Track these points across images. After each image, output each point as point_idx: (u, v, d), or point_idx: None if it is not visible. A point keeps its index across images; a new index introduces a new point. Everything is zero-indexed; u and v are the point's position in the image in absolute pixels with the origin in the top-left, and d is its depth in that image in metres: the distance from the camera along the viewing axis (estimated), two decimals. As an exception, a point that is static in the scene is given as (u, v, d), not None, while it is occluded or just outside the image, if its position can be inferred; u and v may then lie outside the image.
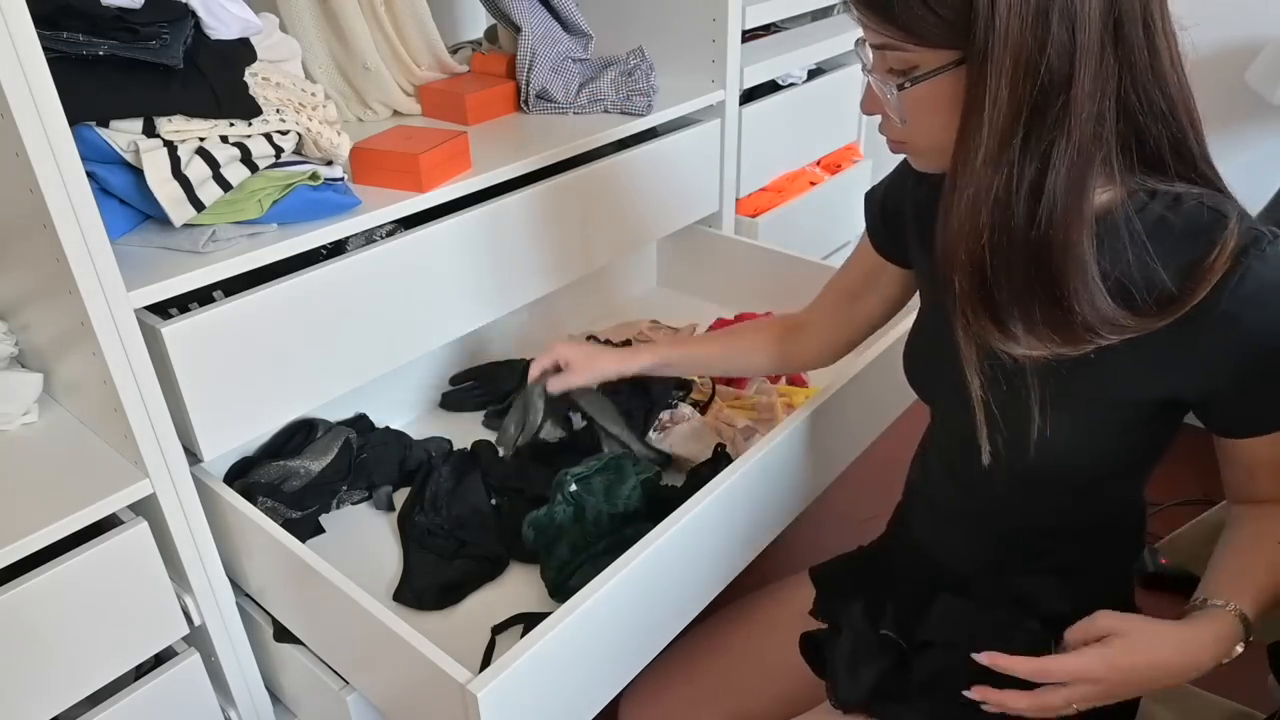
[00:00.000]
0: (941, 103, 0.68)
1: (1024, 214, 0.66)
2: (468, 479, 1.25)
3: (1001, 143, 0.65)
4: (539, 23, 1.38)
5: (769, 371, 1.21)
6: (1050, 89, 0.63)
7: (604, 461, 1.18)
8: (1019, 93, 0.63)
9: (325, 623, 0.97)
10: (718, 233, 1.67)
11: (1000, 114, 0.64)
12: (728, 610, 1.14)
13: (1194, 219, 0.69)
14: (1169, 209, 0.70)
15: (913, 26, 0.65)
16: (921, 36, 0.65)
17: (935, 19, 0.64)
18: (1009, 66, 0.63)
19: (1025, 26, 0.62)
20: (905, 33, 0.66)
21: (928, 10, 0.64)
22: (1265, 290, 0.67)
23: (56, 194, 0.77)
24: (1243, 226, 0.68)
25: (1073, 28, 0.62)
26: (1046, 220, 0.66)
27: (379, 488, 1.26)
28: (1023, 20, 0.61)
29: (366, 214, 1.04)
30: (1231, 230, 0.68)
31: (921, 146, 0.75)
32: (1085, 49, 0.62)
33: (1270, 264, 0.67)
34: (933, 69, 0.67)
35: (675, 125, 1.49)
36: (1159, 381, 0.74)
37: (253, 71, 1.00)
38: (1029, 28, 0.62)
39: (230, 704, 1.10)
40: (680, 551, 0.96)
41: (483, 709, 0.77)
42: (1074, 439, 0.78)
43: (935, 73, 0.67)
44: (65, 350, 0.92)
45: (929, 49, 0.66)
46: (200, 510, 0.98)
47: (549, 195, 1.26)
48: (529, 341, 1.60)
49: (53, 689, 0.91)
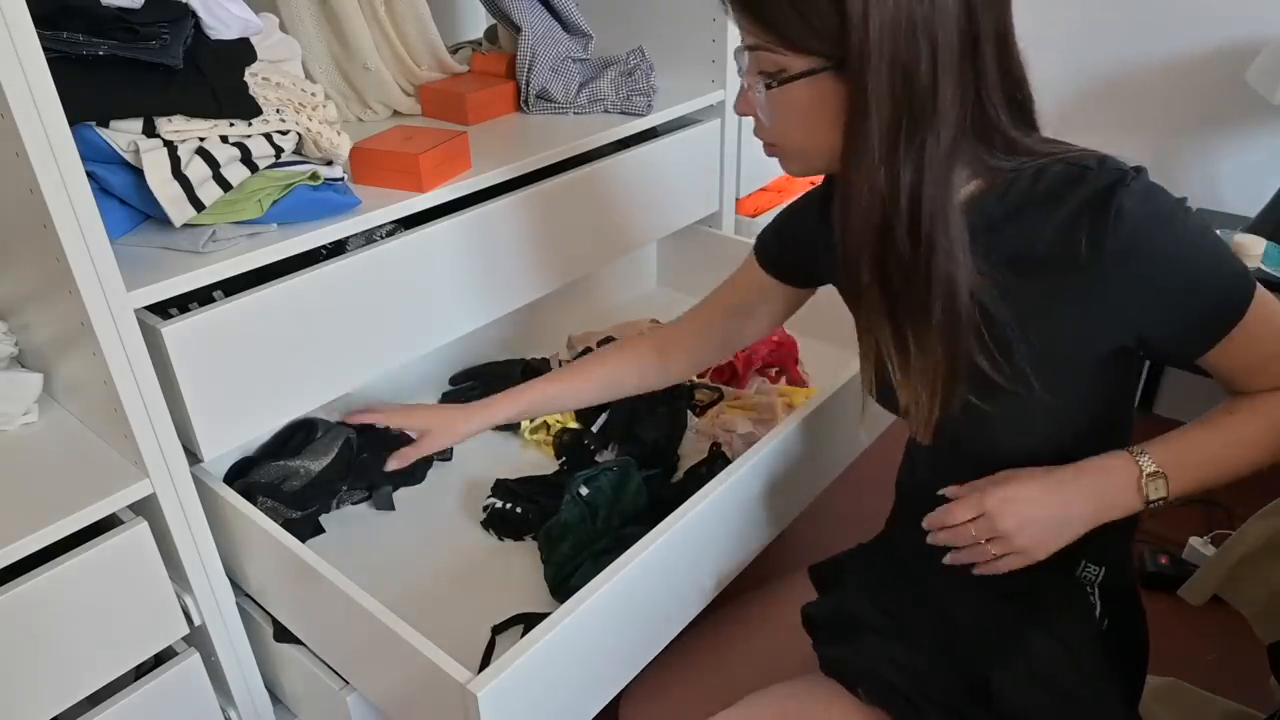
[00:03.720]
0: (807, 107, 0.73)
1: (908, 216, 0.72)
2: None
3: (888, 148, 0.71)
4: (539, 23, 1.38)
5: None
6: (923, 97, 0.69)
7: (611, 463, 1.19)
8: (898, 103, 0.69)
9: (325, 623, 0.97)
10: (718, 233, 1.67)
11: (883, 120, 0.70)
12: (727, 610, 1.14)
13: (1058, 179, 0.74)
14: (1035, 180, 0.75)
15: (783, 30, 0.70)
16: (791, 41, 0.71)
17: (805, 25, 0.69)
18: (886, 76, 0.68)
19: (898, 43, 0.67)
20: (776, 35, 0.71)
21: (799, 16, 0.69)
22: (1140, 218, 0.70)
23: (56, 194, 0.77)
24: (1104, 169, 0.72)
25: (935, 47, 0.68)
26: (929, 219, 0.72)
27: (379, 488, 1.26)
28: (895, 38, 0.67)
29: (366, 214, 1.04)
30: (1094, 177, 0.72)
31: (791, 150, 0.80)
32: (947, 66, 0.69)
33: (1136, 194, 0.70)
34: (799, 72, 0.72)
35: (675, 125, 1.49)
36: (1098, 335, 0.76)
37: (253, 71, 1.00)
38: (900, 45, 0.67)
39: (230, 704, 1.10)
40: (680, 552, 0.96)
41: (483, 709, 0.77)
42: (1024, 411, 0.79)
43: (801, 76, 0.72)
44: (65, 350, 0.92)
45: (797, 54, 0.71)
46: (200, 510, 0.98)
47: (549, 195, 1.26)
48: (528, 341, 1.61)
49: (53, 689, 0.92)
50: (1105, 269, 0.71)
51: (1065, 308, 0.75)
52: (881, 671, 0.89)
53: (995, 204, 0.76)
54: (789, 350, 1.54)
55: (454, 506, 1.28)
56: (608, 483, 1.17)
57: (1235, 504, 1.78)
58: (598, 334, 1.60)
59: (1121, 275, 0.72)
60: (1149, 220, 0.70)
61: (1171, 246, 0.71)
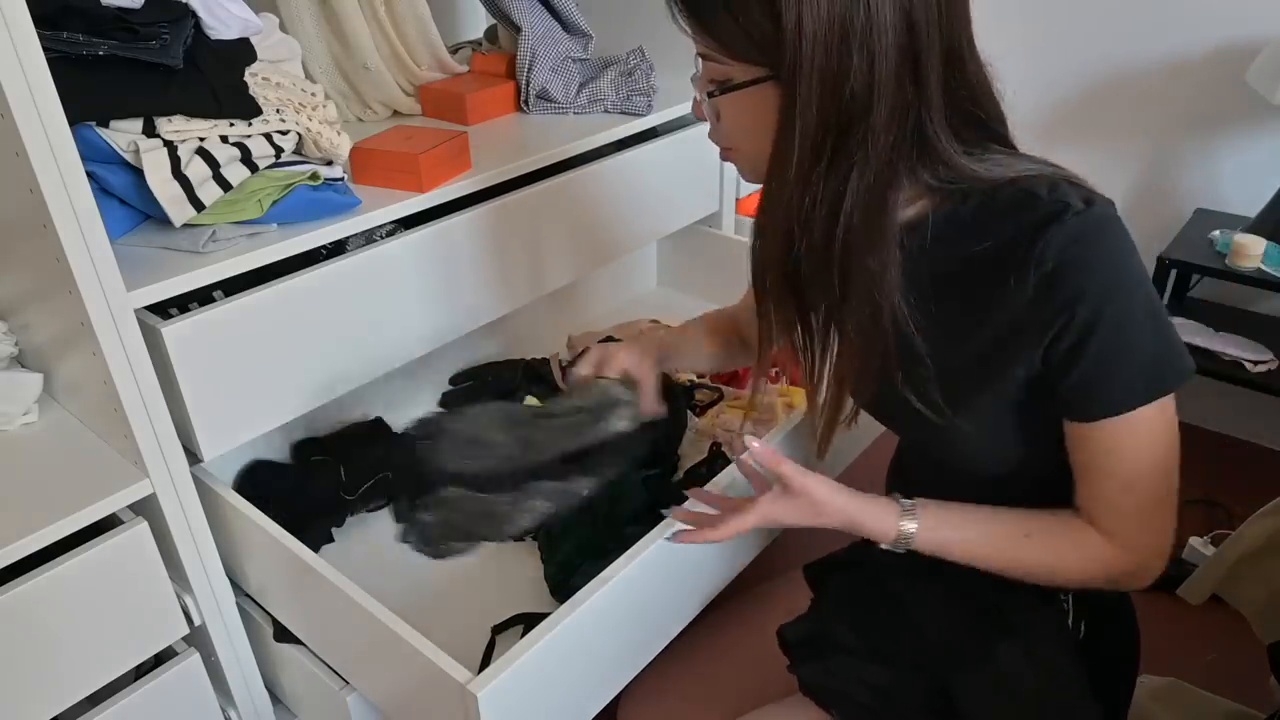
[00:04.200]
0: (752, 115, 0.73)
1: (822, 230, 0.72)
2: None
3: (810, 160, 0.70)
4: (539, 23, 1.38)
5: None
6: (852, 116, 0.68)
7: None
8: (825, 115, 0.68)
9: (325, 623, 0.97)
10: (718, 233, 1.67)
11: (808, 133, 0.69)
12: (727, 610, 1.14)
13: (1005, 204, 0.72)
14: (983, 203, 0.74)
15: (725, 40, 0.70)
16: (733, 50, 0.71)
17: (744, 36, 0.69)
18: (816, 90, 0.67)
19: (829, 54, 0.66)
20: (719, 44, 0.71)
21: (738, 27, 0.69)
22: (1067, 258, 0.69)
23: (56, 194, 0.77)
24: (1052, 198, 0.70)
25: (871, 61, 0.66)
26: (843, 237, 0.71)
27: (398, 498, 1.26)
28: (826, 48, 0.66)
29: (366, 214, 1.04)
30: (1040, 205, 0.70)
31: (744, 156, 0.79)
32: (882, 82, 0.67)
33: (1070, 232, 0.68)
34: (742, 81, 0.71)
35: (675, 125, 1.49)
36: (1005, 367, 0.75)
37: (253, 71, 1.00)
38: (832, 56, 0.66)
39: (230, 704, 1.10)
40: (679, 552, 0.96)
41: (483, 709, 0.77)
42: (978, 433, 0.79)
43: (743, 85, 0.71)
44: (65, 350, 0.92)
45: (740, 63, 0.71)
46: (200, 510, 0.98)
47: (549, 195, 1.26)
48: (528, 341, 1.61)
49: (53, 689, 0.92)
50: (1026, 300, 0.70)
51: (991, 333, 0.74)
52: (854, 693, 0.88)
53: (937, 226, 0.75)
54: (789, 350, 1.54)
55: (454, 506, 1.28)
56: (608, 483, 1.16)
57: (1235, 504, 1.78)
58: (598, 334, 1.60)
59: (1040, 306, 0.70)
60: (1075, 259, 0.68)
61: (1088, 293, 0.68)
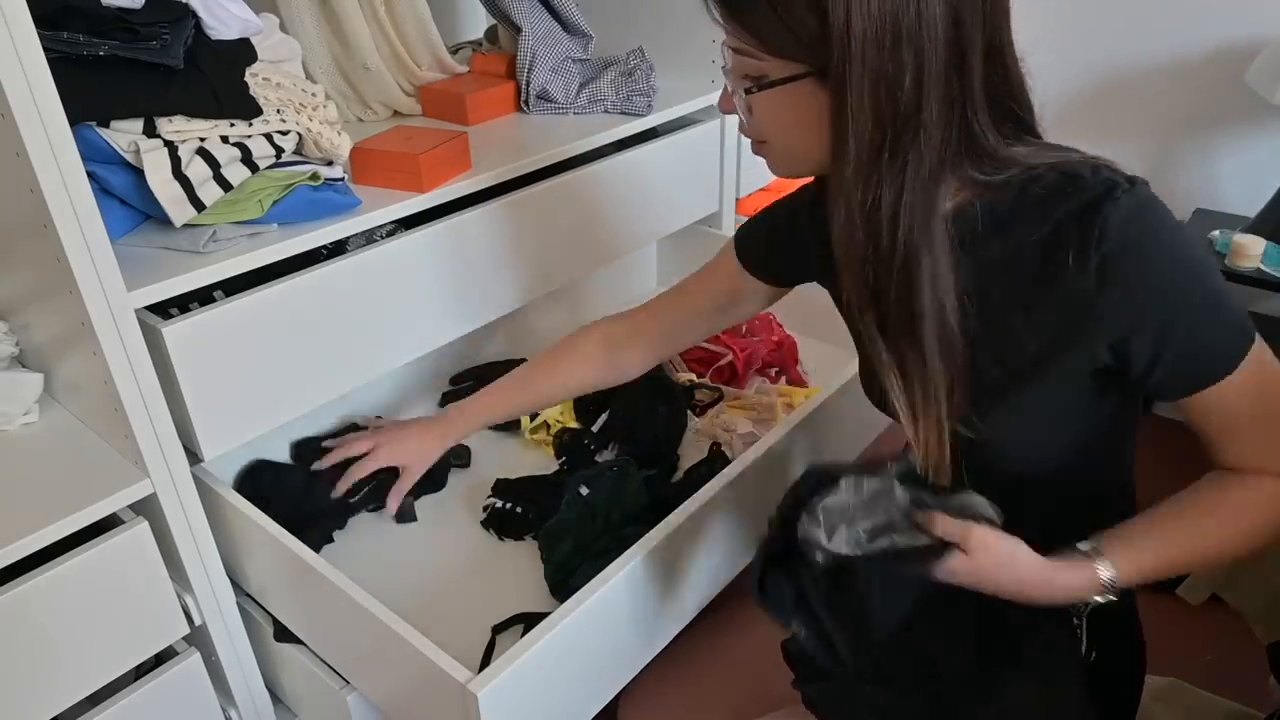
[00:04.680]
0: (791, 112, 0.72)
1: (888, 229, 0.70)
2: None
3: (869, 158, 0.68)
4: (539, 23, 1.38)
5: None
6: (906, 112, 0.67)
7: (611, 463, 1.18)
8: (879, 114, 0.67)
9: (325, 622, 0.97)
10: (718, 233, 1.67)
11: (865, 131, 0.67)
12: (728, 611, 1.14)
13: (1048, 189, 0.71)
14: (1024, 190, 0.72)
15: (765, 36, 0.68)
16: (773, 47, 0.69)
17: (788, 33, 0.67)
18: (869, 88, 0.66)
19: (880, 52, 0.65)
20: (758, 40, 0.69)
21: (781, 24, 0.67)
22: (1127, 235, 0.68)
23: (57, 194, 0.78)
24: (1096, 178, 0.69)
25: (920, 58, 0.65)
26: (904, 238, 0.70)
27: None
28: (878, 46, 0.64)
29: (366, 214, 1.04)
30: (1085, 186, 0.69)
31: (777, 150, 0.78)
32: (932, 78, 0.66)
33: (1125, 209, 0.68)
34: (780, 78, 0.70)
35: (675, 125, 1.49)
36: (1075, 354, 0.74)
37: (253, 72, 1.00)
38: (884, 54, 0.65)
39: (230, 704, 1.10)
40: (680, 551, 0.96)
41: (483, 709, 0.77)
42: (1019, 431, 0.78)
43: (782, 82, 0.70)
44: (66, 350, 0.92)
45: (779, 59, 0.69)
46: (201, 510, 0.98)
47: (549, 196, 1.26)
48: (528, 341, 1.61)
49: (53, 689, 0.92)
50: (1088, 285, 0.69)
51: (1046, 320, 0.73)
52: (858, 713, 0.88)
53: (982, 217, 0.73)
54: (789, 350, 1.54)
55: (454, 506, 1.28)
56: (608, 483, 1.17)
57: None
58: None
59: (1104, 293, 0.69)
60: (1137, 238, 0.67)
61: (1155, 274, 0.68)
